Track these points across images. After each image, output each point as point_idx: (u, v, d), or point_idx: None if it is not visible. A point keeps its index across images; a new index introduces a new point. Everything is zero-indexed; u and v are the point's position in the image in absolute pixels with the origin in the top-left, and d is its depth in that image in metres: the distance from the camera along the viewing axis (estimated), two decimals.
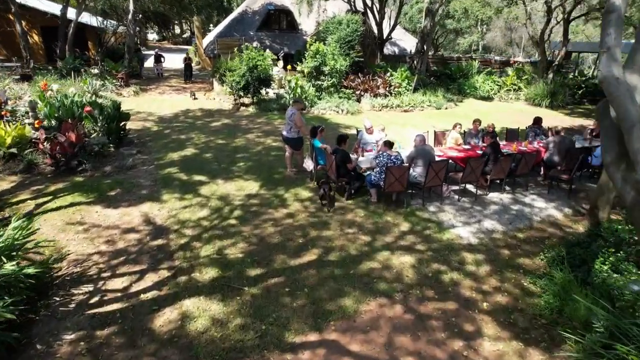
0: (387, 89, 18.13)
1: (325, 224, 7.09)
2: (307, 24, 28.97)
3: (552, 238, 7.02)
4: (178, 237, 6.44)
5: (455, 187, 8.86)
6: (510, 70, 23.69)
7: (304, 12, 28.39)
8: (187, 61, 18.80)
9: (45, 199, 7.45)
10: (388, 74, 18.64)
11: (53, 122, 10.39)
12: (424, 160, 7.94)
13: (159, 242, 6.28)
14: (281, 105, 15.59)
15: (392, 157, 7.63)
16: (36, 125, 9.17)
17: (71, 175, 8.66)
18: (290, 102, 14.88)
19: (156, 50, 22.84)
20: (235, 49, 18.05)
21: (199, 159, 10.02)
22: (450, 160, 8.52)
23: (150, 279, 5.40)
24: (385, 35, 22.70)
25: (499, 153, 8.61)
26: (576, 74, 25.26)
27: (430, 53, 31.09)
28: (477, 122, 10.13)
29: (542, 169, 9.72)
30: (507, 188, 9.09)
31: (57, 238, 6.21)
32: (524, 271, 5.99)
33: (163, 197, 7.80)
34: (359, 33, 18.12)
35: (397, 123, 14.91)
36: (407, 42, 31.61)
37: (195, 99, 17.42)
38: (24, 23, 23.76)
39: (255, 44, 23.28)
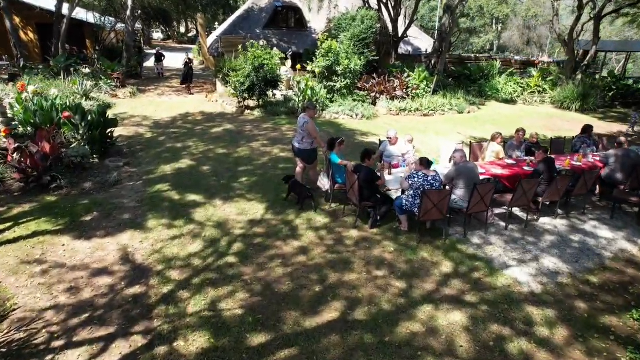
0: (405, 91, 16.63)
1: (347, 263, 5.65)
2: (316, 21, 27.58)
3: (637, 284, 5.52)
4: (161, 282, 5.02)
5: (499, 211, 7.39)
6: (534, 71, 22.09)
7: (313, 9, 27.02)
8: (189, 63, 17.21)
9: (3, 226, 6.07)
10: (405, 75, 17.13)
11: (29, 129, 9.04)
12: (467, 180, 6.49)
13: (136, 289, 4.87)
14: (289, 109, 14.17)
15: (430, 179, 6.17)
16: (3, 134, 7.80)
17: (42, 193, 7.29)
18: (301, 106, 13.46)
19: (157, 49, 21.51)
20: (240, 47, 16.70)
21: (195, 173, 8.61)
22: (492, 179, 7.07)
23: (118, 350, 3.98)
24: (400, 34, 21.19)
25: (554, 171, 7.12)
26: (605, 75, 23.59)
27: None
28: (520, 131, 8.62)
29: (597, 187, 8.20)
30: (560, 212, 7.60)
31: (4, 284, 4.81)
32: (615, 337, 4.51)
33: (148, 224, 6.39)
34: (374, 30, 16.66)
35: (417, 129, 13.43)
36: (421, 41, 30.09)
37: (190, 94, 16.28)
38: (17, 19, 22.72)
39: (262, 42, 21.94)
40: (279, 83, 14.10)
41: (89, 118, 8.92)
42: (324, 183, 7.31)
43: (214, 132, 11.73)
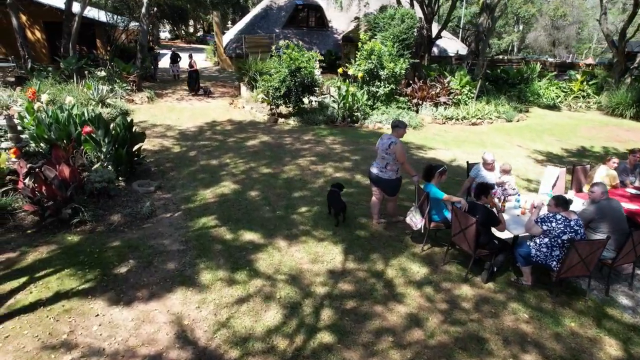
0: (448, 96, 15.15)
1: (480, 340, 4.18)
2: (338, 20, 26.18)
3: None
4: None
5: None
6: (577, 75, 20.59)
7: (335, 8, 25.56)
8: (194, 68, 16.77)
9: (14, 283, 4.61)
10: (448, 79, 15.64)
11: (42, 145, 7.58)
12: (613, 224, 5.01)
13: None
14: (328, 118, 12.69)
15: (573, 224, 4.69)
16: (12, 155, 6.34)
17: (62, 230, 5.85)
18: (341, 115, 12.00)
19: (172, 49, 20.08)
20: (266, 48, 15.26)
21: (243, 201, 7.14)
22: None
23: None
24: (434, 34, 19.73)
25: None
26: None
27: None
28: (637, 152, 7.12)
29: None
30: None
31: None
32: None
33: (202, 278, 4.93)
34: (414, 30, 15.17)
35: (471, 141, 11.96)
36: (448, 41, 28.65)
37: (209, 96, 15.00)
38: (24, 17, 21.29)
39: (281, 42, 20.49)
40: (317, 88, 12.62)
41: (113, 133, 7.45)
42: (415, 221, 5.82)
43: (250, 146, 10.25)
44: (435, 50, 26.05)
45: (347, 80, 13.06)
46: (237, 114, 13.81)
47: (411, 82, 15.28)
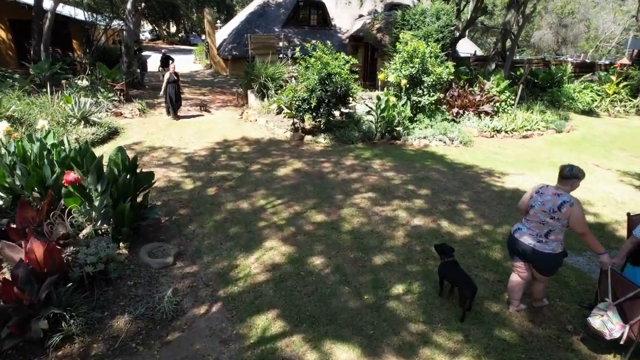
0: (491, 104, 13.12)
1: None
2: (341, 19, 24.01)
3: None
4: None
5: None
6: (612, 76, 18.89)
7: (339, 5, 23.37)
8: (176, 77, 12.19)
9: None
10: (488, 85, 13.61)
11: (2, 194, 5.14)
12: None
13: None
14: (364, 134, 10.46)
15: None
16: None
17: (35, 357, 3.46)
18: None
19: (163, 50, 17.50)
20: (273, 49, 13.01)
21: (308, 276, 4.87)
22: None
23: None
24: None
25: None
26: None
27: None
28: None
29: None
30: None
31: None
32: None
33: None
34: (451, 28, 13.09)
35: (538, 160, 9.95)
36: (463, 40, 26.71)
37: (206, 111, 12.54)
38: None
39: (281, 43, 18.19)
40: (352, 98, 10.37)
41: (110, 178, 5.06)
42: (610, 328, 3.62)
43: (283, 177, 7.94)
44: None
45: (386, 89, 10.84)
46: (250, 129, 11.44)
47: (448, 88, 13.18)
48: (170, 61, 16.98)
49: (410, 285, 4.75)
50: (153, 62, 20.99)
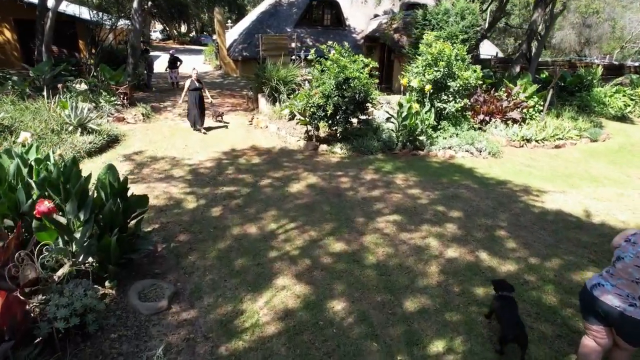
0: (519, 110, 12.17)
1: None
2: (355, 19, 23.16)
3: None
4: None
5: None
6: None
7: (353, 4, 22.52)
8: (198, 84, 10.70)
9: None
10: (516, 89, 12.65)
11: None
12: None
13: None
14: (384, 144, 9.60)
15: None
16: None
17: None
18: (401, 139, 8.89)
19: (171, 51, 16.77)
20: (286, 50, 12.24)
21: (327, 326, 4.05)
22: None
23: None
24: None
25: None
26: None
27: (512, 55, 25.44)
28: None
29: None
30: None
31: None
32: None
33: None
34: (477, 28, 12.16)
35: (576, 175, 9.01)
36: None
37: (220, 121, 11.56)
38: None
39: (294, 44, 17.36)
40: (371, 104, 9.52)
41: (94, 203, 4.29)
42: None
43: (296, 194, 7.11)
44: None
45: (408, 94, 9.96)
46: (261, 136, 10.65)
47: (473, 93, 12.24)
48: (178, 62, 16.33)
49: (451, 341, 3.89)
50: (163, 62, 20.33)
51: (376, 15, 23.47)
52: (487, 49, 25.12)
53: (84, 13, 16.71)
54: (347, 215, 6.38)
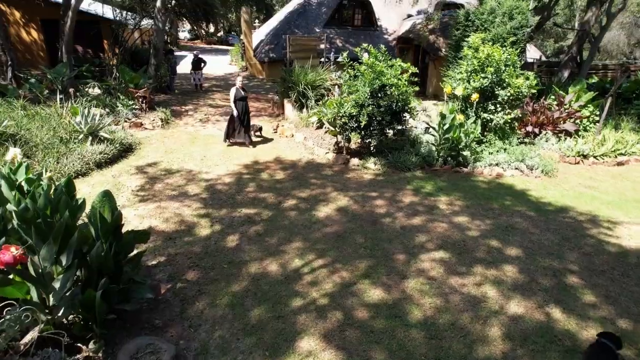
0: (573, 121, 10.89)
1: None
2: (387, 19, 22.08)
3: None
4: None
5: None
6: None
7: (386, 4, 21.45)
8: (244, 93, 9.55)
9: None
10: (569, 98, 11.35)
11: None
12: None
13: None
14: (423, 159, 8.56)
15: None
16: None
17: None
18: (442, 154, 7.82)
19: (195, 52, 16.15)
20: (314, 52, 11.37)
21: None
22: None
23: None
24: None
25: None
26: None
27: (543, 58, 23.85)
28: None
29: None
30: None
31: None
32: None
33: None
34: (527, 30, 10.95)
35: None
36: None
37: (259, 136, 10.42)
38: (18, 14, 17.75)
39: (323, 45, 16.43)
40: (410, 114, 8.50)
41: (85, 236, 3.49)
42: None
43: (324, 221, 6.18)
44: None
45: (450, 103, 8.88)
46: (286, 147, 9.78)
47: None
48: (202, 64, 15.67)
49: None
50: (189, 63, 19.64)
51: (409, 16, 22.34)
52: (529, 52, 23.56)
53: (108, 12, 16.27)
54: (384, 249, 5.41)
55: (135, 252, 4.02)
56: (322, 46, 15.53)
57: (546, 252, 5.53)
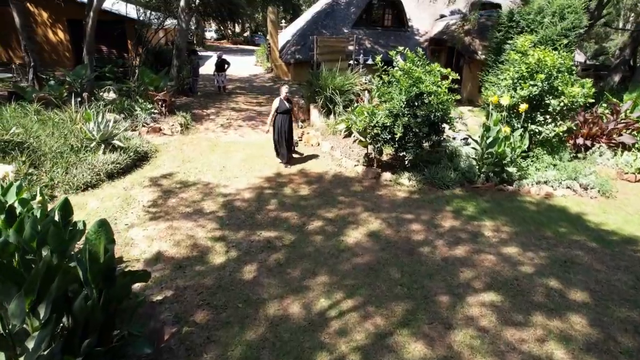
0: (630, 132, 9.78)
1: None
2: (419, 19, 21.13)
3: None
4: None
5: None
6: None
7: (419, 4, 20.52)
8: (289, 105, 8.28)
9: None
10: (626, 106, 10.24)
11: None
12: None
13: None
14: (463, 175, 7.70)
15: None
16: None
17: None
18: (484, 170, 6.96)
19: (218, 53, 15.65)
20: (343, 54, 10.64)
21: None
22: None
23: None
24: None
25: None
26: None
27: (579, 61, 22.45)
28: None
29: None
30: None
31: None
32: None
33: None
34: (580, 31, 9.91)
35: None
36: None
37: (295, 152, 9.40)
38: (45, 14, 17.71)
39: (351, 47, 15.66)
40: (449, 125, 7.65)
41: (68, 278, 2.87)
42: None
43: (354, 247, 5.45)
44: None
45: (494, 113, 7.97)
46: (311, 157, 9.07)
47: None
48: (226, 65, 15.14)
49: None
50: (213, 63, 19.15)
51: (442, 16, 21.33)
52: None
53: (132, 12, 15.96)
54: (424, 288, 4.63)
55: (132, 308, 3.38)
56: (351, 47, 14.78)
57: (620, 298, 4.64)
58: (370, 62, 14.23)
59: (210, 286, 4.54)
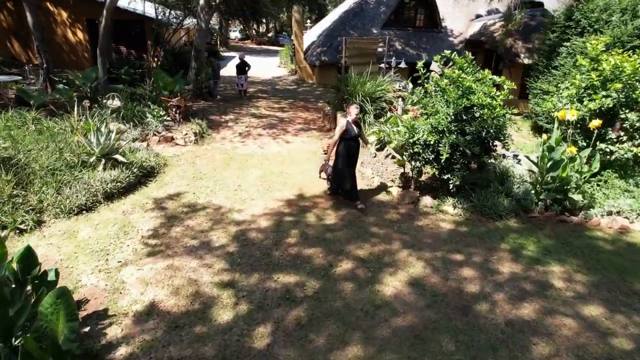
0: None
1: None
2: (453, 20, 19.83)
3: None
4: None
5: None
6: None
7: (454, 4, 19.18)
8: (356, 129, 6.34)
9: None
10: None
11: None
12: None
13: None
14: (518, 202, 6.50)
15: None
16: None
17: None
18: (543, 197, 5.78)
19: (240, 54, 14.75)
20: (373, 57, 9.62)
21: None
22: None
23: None
24: None
25: None
26: None
27: None
28: None
29: None
30: None
31: None
32: None
33: None
34: None
35: None
36: None
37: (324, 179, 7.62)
38: (65, 14, 17.21)
39: (381, 49, 14.52)
40: (504, 142, 6.44)
41: None
42: None
43: (393, 301, 4.37)
44: None
45: (556, 130, 6.72)
46: None
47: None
48: (247, 67, 14.23)
49: None
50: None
51: (478, 16, 19.97)
52: None
53: (150, 10, 15.25)
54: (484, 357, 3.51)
55: None
56: (381, 49, 13.66)
57: None
58: (402, 65, 13.07)
59: (211, 358, 3.53)
